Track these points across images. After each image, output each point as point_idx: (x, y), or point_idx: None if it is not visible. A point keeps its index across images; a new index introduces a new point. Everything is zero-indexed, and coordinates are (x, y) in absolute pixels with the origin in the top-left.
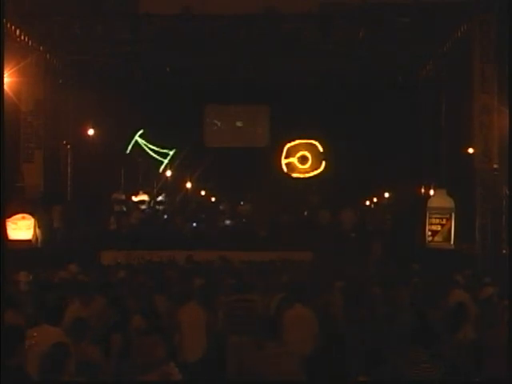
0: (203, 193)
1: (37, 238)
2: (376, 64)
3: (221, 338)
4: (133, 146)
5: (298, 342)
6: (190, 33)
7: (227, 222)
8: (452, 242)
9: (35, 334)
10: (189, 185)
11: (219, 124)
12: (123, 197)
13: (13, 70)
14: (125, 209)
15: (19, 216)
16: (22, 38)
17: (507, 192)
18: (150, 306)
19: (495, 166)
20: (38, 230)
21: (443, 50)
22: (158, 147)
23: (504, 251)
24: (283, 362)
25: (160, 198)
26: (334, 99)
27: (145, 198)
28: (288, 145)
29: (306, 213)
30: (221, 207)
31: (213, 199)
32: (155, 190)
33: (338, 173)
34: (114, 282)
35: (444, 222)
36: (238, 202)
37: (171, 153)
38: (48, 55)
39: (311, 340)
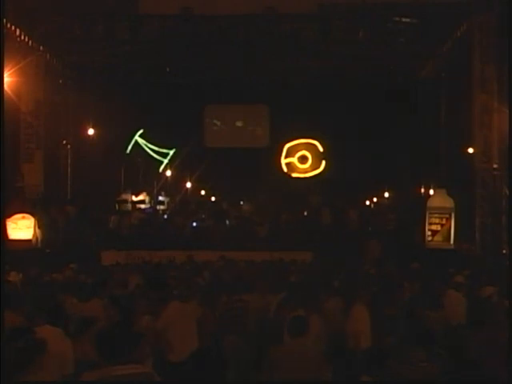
0: (203, 193)
1: (37, 238)
2: (376, 64)
3: (217, 337)
4: (133, 146)
5: None
6: (190, 33)
7: (227, 221)
8: (452, 242)
9: None
10: (189, 185)
11: (219, 124)
12: (129, 197)
13: (13, 70)
14: (129, 208)
15: (19, 216)
16: (22, 38)
17: (507, 192)
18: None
19: (495, 165)
20: (38, 230)
21: (443, 50)
22: (157, 147)
23: (504, 251)
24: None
25: (160, 198)
26: (334, 99)
27: (145, 197)
28: (288, 145)
29: (305, 213)
30: (223, 206)
31: (213, 199)
32: (155, 190)
33: (338, 172)
34: (114, 282)
35: (444, 221)
36: (238, 202)
37: (171, 153)
38: (48, 55)
39: None
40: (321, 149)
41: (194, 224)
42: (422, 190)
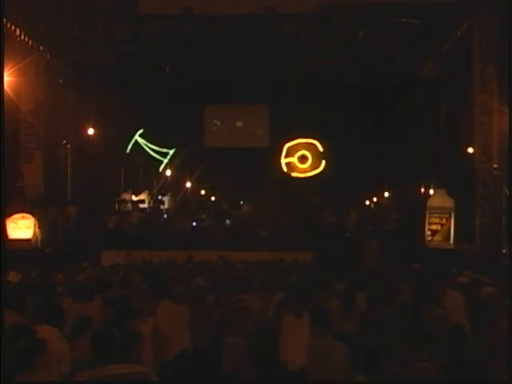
0: (203, 192)
1: (37, 238)
2: (376, 64)
3: (215, 338)
4: (133, 146)
5: None
6: (190, 33)
7: (227, 221)
8: (452, 242)
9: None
10: (189, 184)
11: (219, 124)
12: (129, 197)
13: (13, 70)
14: (129, 208)
15: (19, 215)
16: (22, 37)
17: (507, 192)
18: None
19: (495, 165)
20: (37, 230)
21: (443, 50)
22: (157, 147)
23: (504, 251)
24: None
25: (160, 198)
26: (333, 99)
27: (145, 197)
28: (288, 144)
29: (306, 213)
30: (223, 206)
31: (213, 199)
32: (155, 190)
33: (338, 172)
34: (114, 283)
35: (444, 221)
36: (238, 202)
37: (171, 152)
38: (48, 55)
39: None
40: (321, 149)
41: (194, 224)
42: (422, 190)
